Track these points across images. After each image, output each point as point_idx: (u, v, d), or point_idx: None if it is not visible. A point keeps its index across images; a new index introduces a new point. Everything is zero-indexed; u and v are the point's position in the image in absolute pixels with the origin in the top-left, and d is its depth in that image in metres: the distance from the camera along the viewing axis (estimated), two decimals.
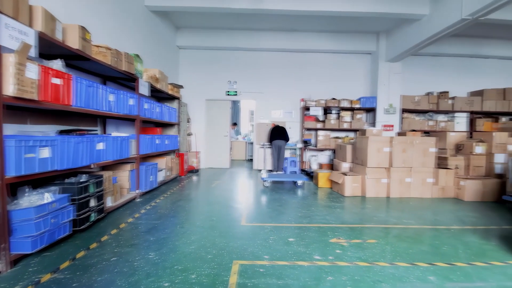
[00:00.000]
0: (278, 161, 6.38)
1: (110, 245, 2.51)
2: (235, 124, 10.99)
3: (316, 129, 7.46)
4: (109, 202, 3.46)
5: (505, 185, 4.43)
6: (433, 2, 5.29)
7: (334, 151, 7.38)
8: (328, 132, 7.28)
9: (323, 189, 5.20)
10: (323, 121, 7.35)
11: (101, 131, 4.02)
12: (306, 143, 7.06)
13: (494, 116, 7.89)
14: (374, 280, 1.98)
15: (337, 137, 7.33)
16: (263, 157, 6.71)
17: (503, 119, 7.91)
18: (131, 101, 3.88)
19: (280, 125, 6.66)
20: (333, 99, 7.27)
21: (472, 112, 7.63)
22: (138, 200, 4.15)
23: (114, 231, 2.85)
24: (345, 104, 7.21)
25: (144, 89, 4.23)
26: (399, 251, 2.47)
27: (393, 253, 2.44)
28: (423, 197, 4.68)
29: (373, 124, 7.40)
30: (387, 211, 3.81)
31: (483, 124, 7.63)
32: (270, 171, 6.85)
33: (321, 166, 7.24)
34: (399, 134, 7.01)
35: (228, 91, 7.73)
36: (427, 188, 4.70)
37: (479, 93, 7.70)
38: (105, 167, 3.83)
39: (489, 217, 3.59)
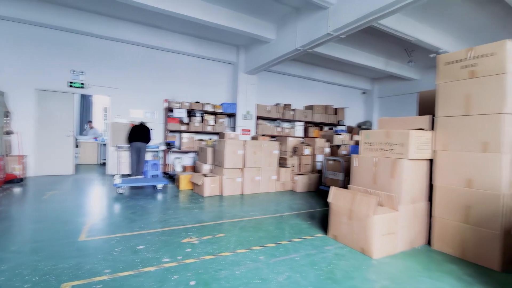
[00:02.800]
0: (138, 165, 5.89)
1: None
2: (90, 122, 9.36)
3: (180, 131, 7.42)
4: None
5: (322, 178, 5.93)
6: (278, 30, 6.42)
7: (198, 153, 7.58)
8: (192, 135, 7.40)
9: (185, 192, 5.23)
10: (188, 124, 7.41)
11: None
12: (169, 145, 6.89)
13: (320, 125, 10.42)
14: (216, 269, 2.17)
15: (201, 140, 7.57)
16: (117, 160, 6.02)
17: (326, 128, 10.57)
18: None
19: (145, 124, 6.16)
20: (198, 102, 7.48)
21: (306, 122, 9.75)
22: None
23: None
24: (209, 108, 7.57)
25: None
26: (241, 240, 2.82)
27: (236, 242, 2.75)
28: (269, 192, 5.55)
29: (233, 128, 8.13)
30: (238, 207, 4.26)
31: (313, 131, 9.91)
32: (129, 175, 6.22)
33: (185, 168, 7.26)
34: (253, 138, 8.02)
35: (72, 83, 6.44)
36: (272, 184, 5.61)
37: (311, 108, 9.94)
38: None
39: (310, 203, 4.68)
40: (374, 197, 2.51)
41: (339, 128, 10.57)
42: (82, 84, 6.52)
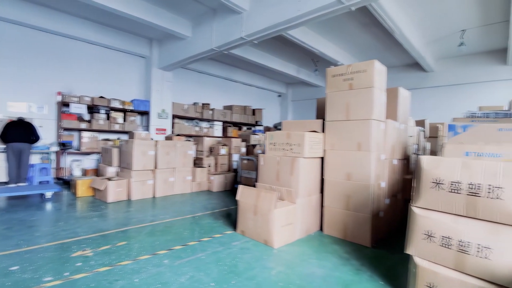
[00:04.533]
0: (19, 170, 4.85)
1: None
2: None
3: (80, 130, 6.45)
4: None
5: (237, 177, 6.12)
6: (194, 28, 6.30)
7: None
8: (96, 134, 6.54)
9: (83, 199, 4.60)
10: (89, 121, 6.52)
11: None
12: (64, 145, 5.92)
13: (239, 125, 10.72)
14: (110, 281, 1.99)
15: (107, 139, 6.78)
16: None
17: (244, 128, 10.94)
18: None
19: (24, 120, 5.10)
20: (102, 97, 6.66)
21: (225, 122, 9.89)
22: None
23: None
24: (116, 105, 6.84)
25: None
26: (146, 246, 2.67)
27: (140, 249, 2.59)
28: (184, 193, 5.41)
29: (147, 127, 7.59)
30: (148, 211, 4.01)
31: (232, 131, 10.12)
32: (6, 183, 5.06)
33: (86, 172, 6.37)
34: (167, 138, 7.61)
35: None
36: (187, 185, 5.49)
37: (230, 108, 10.13)
38: None
39: (225, 202, 4.77)
40: (275, 193, 2.76)
41: (257, 128, 11.11)
42: None
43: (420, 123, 5.88)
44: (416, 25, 6.12)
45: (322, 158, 3.30)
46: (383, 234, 3.18)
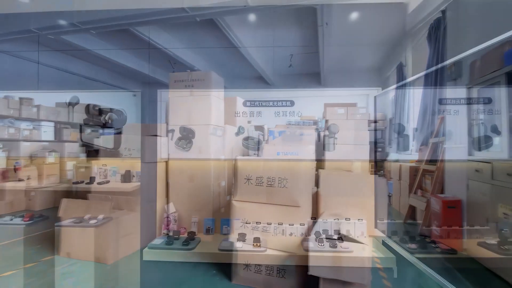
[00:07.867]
0: None
1: None
2: None
3: None
4: None
5: None
6: None
7: None
8: None
9: None
10: None
11: None
12: None
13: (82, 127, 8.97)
14: None
15: None
16: None
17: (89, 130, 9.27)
18: None
19: None
20: None
21: (59, 122, 8.01)
22: None
23: None
24: None
25: None
26: None
27: None
28: None
29: None
30: None
31: (70, 134, 8.34)
32: None
33: None
34: None
35: None
36: None
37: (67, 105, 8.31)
38: None
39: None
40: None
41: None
42: None
43: (260, 128, 6.95)
44: (258, 44, 7.19)
45: (167, 162, 3.29)
46: None
